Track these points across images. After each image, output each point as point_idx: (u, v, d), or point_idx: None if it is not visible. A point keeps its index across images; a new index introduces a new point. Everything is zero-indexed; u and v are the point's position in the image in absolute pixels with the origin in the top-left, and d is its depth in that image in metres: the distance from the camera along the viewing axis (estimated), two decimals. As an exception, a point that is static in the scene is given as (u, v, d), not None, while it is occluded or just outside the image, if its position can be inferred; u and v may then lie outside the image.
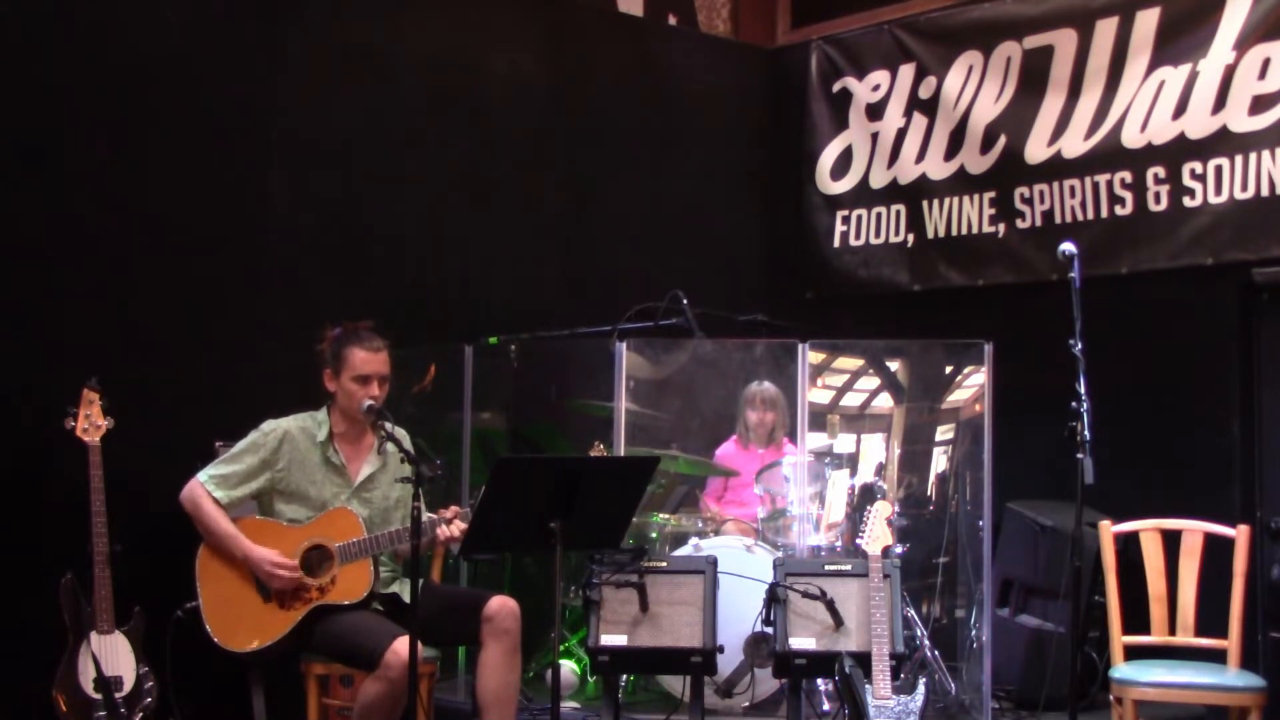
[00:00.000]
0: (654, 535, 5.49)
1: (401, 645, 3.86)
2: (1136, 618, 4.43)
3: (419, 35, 6.09)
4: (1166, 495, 4.94)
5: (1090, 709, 5.12)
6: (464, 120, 6.22)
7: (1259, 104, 5.61)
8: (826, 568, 4.55)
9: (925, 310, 6.68)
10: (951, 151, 6.60)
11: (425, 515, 3.99)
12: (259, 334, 5.39)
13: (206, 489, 4.23)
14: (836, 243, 7.05)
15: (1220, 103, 5.70)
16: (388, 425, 4.13)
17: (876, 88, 6.90)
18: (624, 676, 5.14)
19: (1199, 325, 5.72)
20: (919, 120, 6.72)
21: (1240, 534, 4.39)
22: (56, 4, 5.02)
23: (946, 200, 6.63)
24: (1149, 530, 4.48)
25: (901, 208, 6.80)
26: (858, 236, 6.98)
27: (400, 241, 5.94)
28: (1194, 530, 4.45)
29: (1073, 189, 6.15)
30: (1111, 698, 4.35)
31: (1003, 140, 6.40)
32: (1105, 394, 4.41)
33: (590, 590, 4.45)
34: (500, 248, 6.29)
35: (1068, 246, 4.43)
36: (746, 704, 5.01)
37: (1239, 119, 5.65)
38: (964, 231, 6.57)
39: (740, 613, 4.56)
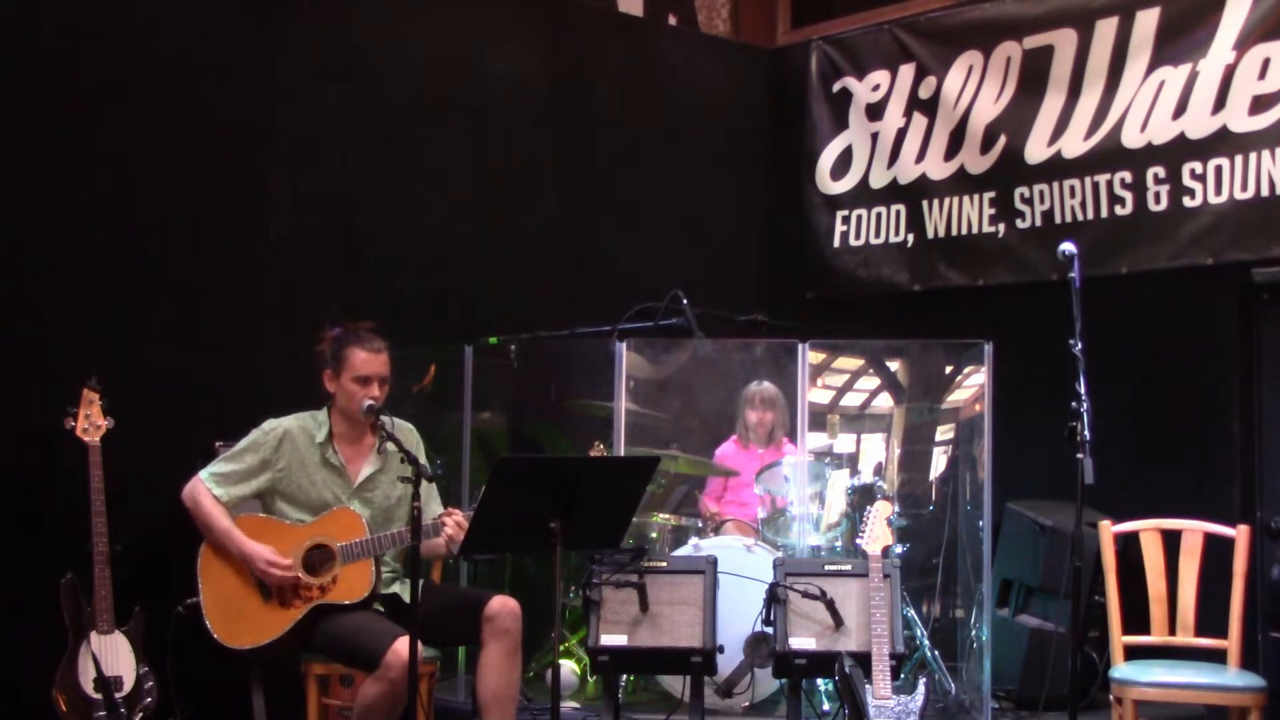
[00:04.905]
0: (654, 535, 5.49)
1: (402, 645, 3.86)
2: (1136, 618, 4.43)
3: (419, 35, 6.10)
4: (1166, 495, 4.94)
5: (1090, 709, 5.12)
6: (464, 120, 6.22)
7: (1259, 104, 5.61)
8: (826, 568, 4.55)
9: (925, 310, 6.68)
10: (951, 151, 6.60)
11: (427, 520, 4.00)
12: (259, 334, 5.39)
13: (207, 486, 4.23)
14: (836, 243, 7.05)
15: (1220, 103, 5.70)
16: (387, 426, 4.12)
17: (876, 88, 6.90)
18: (624, 676, 5.14)
19: (1199, 325, 5.72)
20: (919, 120, 6.73)
21: (1240, 534, 4.38)
22: (57, 3, 5.02)
23: (946, 200, 6.63)
24: (1149, 530, 4.48)
25: (901, 208, 6.80)
26: (858, 236, 6.98)
27: (400, 241, 5.94)
28: (1194, 530, 4.45)
29: (1073, 189, 6.15)
30: (1111, 698, 4.35)
31: (1003, 140, 6.40)
32: (1105, 394, 4.41)
33: (590, 590, 4.45)
34: (500, 248, 6.29)
35: (1068, 246, 4.43)
36: (746, 704, 5.01)
37: (1239, 119, 5.66)
38: (964, 231, 6.57)
39: (740, 613, 4.56)
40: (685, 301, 5.68)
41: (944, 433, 6.12)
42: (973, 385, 5.72)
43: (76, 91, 5.02)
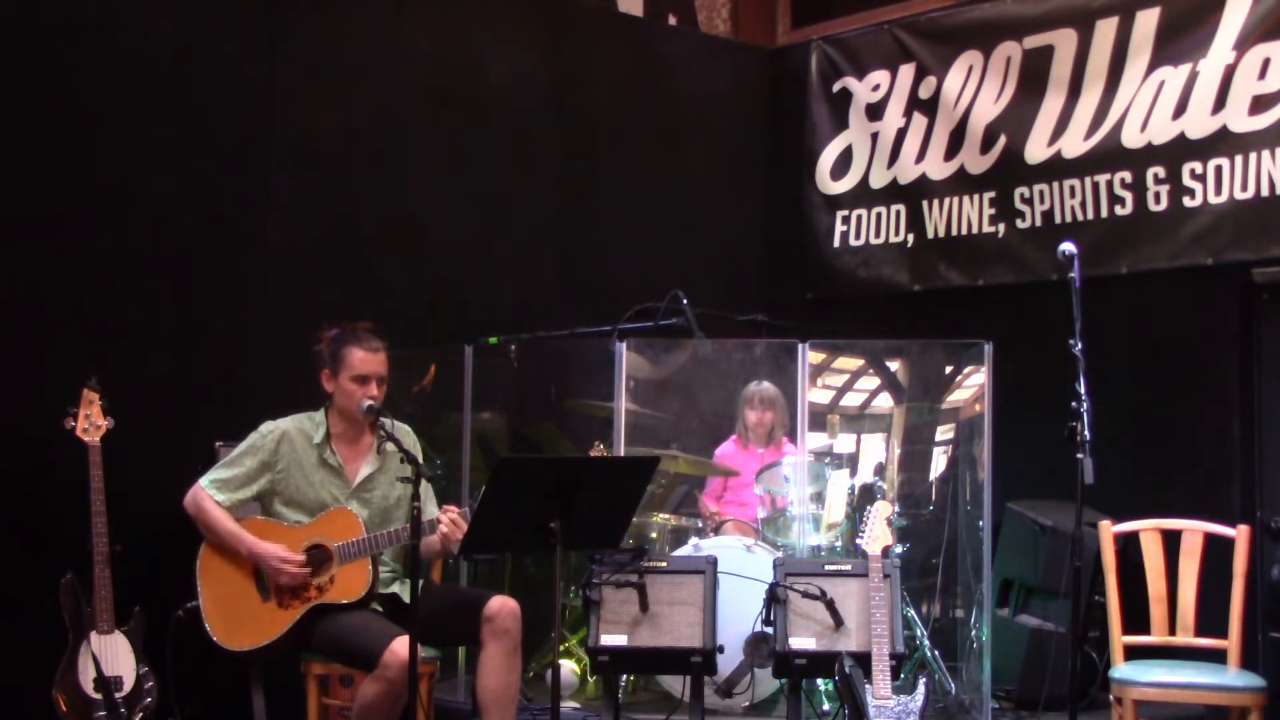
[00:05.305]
0: (654, 535, 5.49)
1: (400, 645, 3.86)
2: (1136, 618, 4.43)
3: (419, 35, 6.10)
4: (1166, 495, 4.94)
5: (1090, 709, 5.12)
6: (464, 120, 6.22)
7: (1259, 104, 5.60)
8: (826, 568, 4.55)
9: (925, 310, 6.68)
10: (951, 151, 6.60)
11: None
12: (259, 334, 5.39)
13: (208, 493, 4.23)
14: (836, 243, 7.05)
15: (1220, 103, 5.70)
16: (386, 425, 4.12)
17: (876, 88, 6.90)
18: (624, 676, 5.14)
19: (1199, 325, 5.72)
20: (919, 120, 6.72)
21: (1240, 534, 4.38)
22: (57, 3, 5.02)
23: (946, 200, 6.63)
24: (1149, 530, 4.48)
25: (901, 208, 6.80)
26: (858, 236, 6.98)
27: (400, 241, 5.94)
28: (1194, 530, 4.44)
29: (1073, 189, 6.15)
30: (1111, 698, 4.35)
31: (1003, 140, 6.40)
32: (1105, 394, 4.41)
33: (590, 590, 4.45)
34: (500, 248, 6.29)
35: (1068, 246, 4.43)
36: (746, 704, 5.01)
37: (1239, 119, 5.65)
38: (964, 231, 6.57)
39: (740, 613, 4.56)
40: (685, 301, 5.67)
41: (944, 433, 6.12)
42: (973, 385, 5.72)
43: (76, 91, 5.02)
